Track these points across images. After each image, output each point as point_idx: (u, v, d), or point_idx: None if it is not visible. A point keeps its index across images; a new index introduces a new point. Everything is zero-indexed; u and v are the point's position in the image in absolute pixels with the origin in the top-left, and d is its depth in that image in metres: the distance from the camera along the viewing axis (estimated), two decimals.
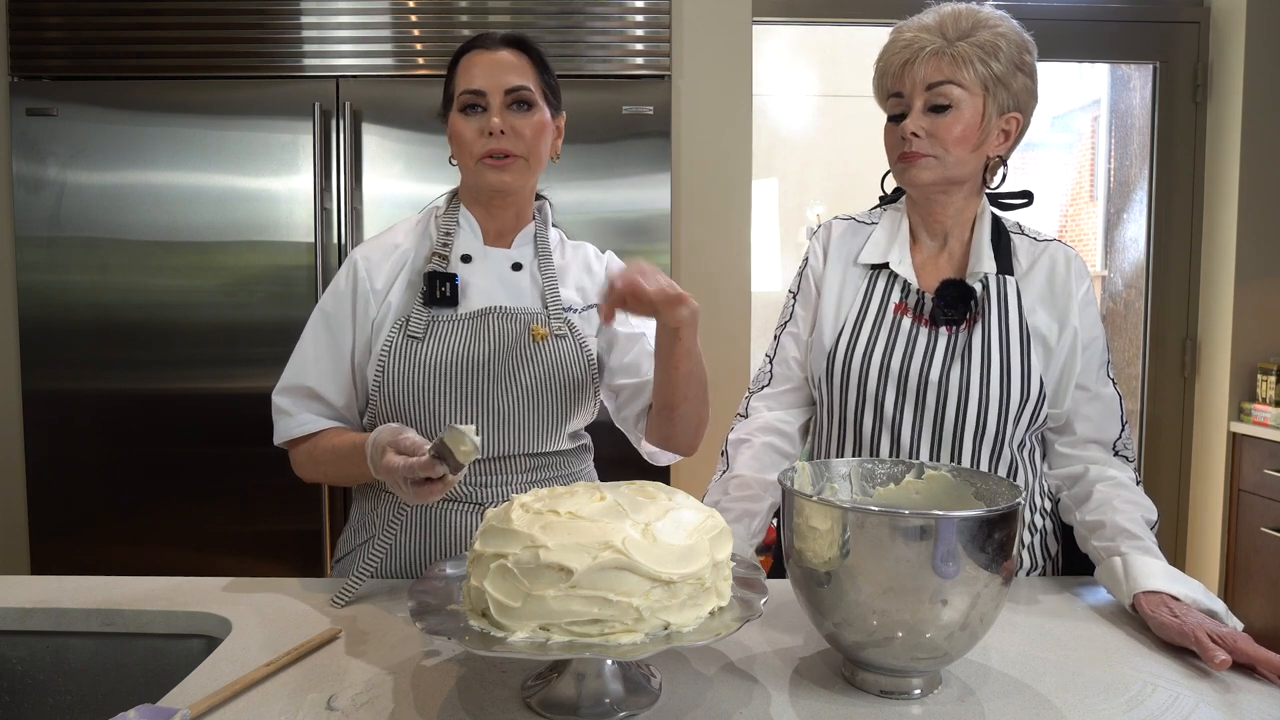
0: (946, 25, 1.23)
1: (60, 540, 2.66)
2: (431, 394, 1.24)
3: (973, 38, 1.21)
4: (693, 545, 0.83)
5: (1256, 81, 2.82)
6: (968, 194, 1.30)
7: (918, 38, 1.23)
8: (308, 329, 1.31)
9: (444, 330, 1.26)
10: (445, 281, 1.27)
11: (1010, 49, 1.22)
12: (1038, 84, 1.28)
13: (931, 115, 1.23)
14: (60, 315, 2.62)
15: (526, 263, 1.34)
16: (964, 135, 1.23)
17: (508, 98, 1.25)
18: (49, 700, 1.12)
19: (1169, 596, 1.05)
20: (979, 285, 1.27)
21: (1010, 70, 1.22)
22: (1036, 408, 1.25)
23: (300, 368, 1.29)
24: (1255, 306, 2.87)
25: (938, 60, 1.22)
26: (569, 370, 1.29)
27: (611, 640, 0.79)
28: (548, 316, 1.30)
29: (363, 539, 1.32)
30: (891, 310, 1.30)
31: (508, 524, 0.84)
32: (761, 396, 1.41)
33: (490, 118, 1.24)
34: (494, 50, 1.27)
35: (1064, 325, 1.26)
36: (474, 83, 1.25)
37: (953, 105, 1.22)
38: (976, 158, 1.26)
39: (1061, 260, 1.29)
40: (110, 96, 2.59)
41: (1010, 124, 1.26)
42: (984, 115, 1.23)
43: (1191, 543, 3.05)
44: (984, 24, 1.23)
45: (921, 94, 1.23)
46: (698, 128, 2.76)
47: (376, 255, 1.31)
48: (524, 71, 1.28)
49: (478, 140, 1.25)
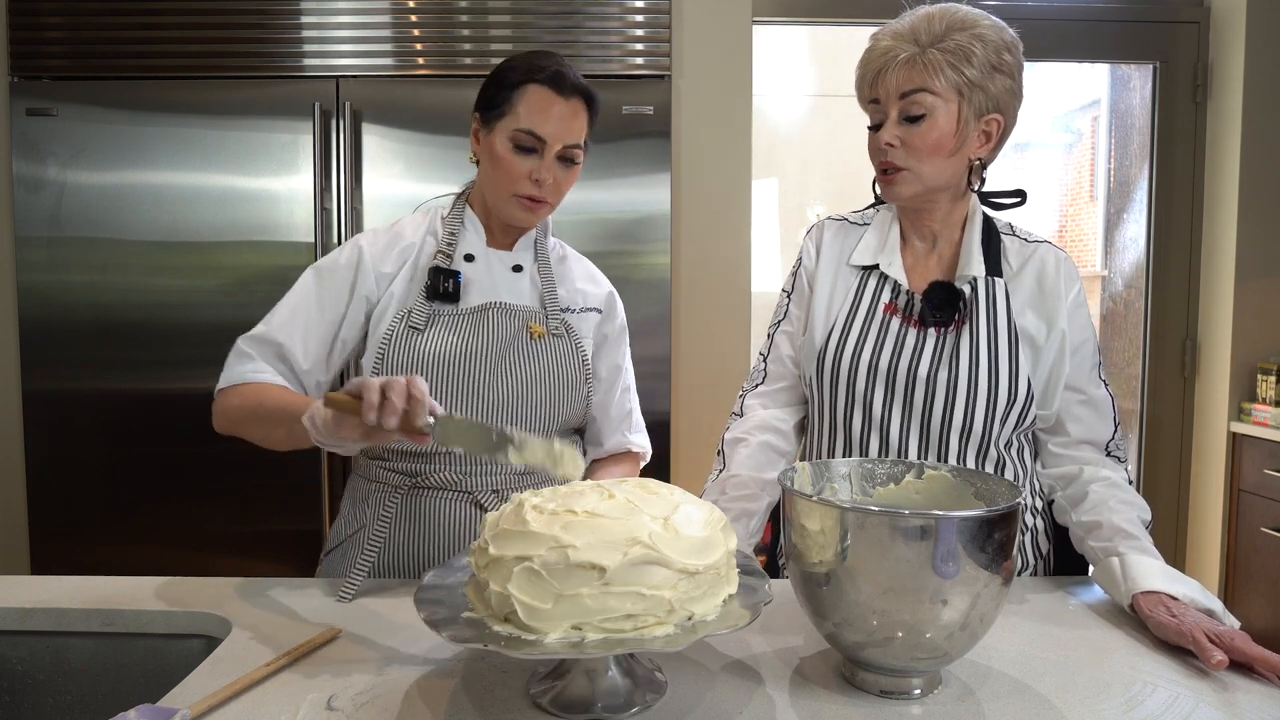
0: (919, 30, 1.21)
1: (60, 540, 2.66)
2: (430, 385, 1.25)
3: (945, 43, 1.19)
4: (708, 537, 0.85)
5: (1256, 81, 2.82)
6: (953, 198, 1.29)
7: (891, 46, 1.22)
8: (293, 292, 1.30)
9: (444, 323, 1.29)
10: (449, 278, 1.29)
11: (986, 50, 1.20)
12: (1022, 81, 1.26)
13: (906, 125, 1.22)
14: (60, 315, 2.62)
15: (527, 265, 1.37)
16: (939, 143, 1.21)
17: (563, 150, 1.28)
18: (49, 700, 1.12)
19: (1167, 596, 1.06)
20: (968, 287, 1.27)
21: (986, 72, 1.20)
22: (1024, 408, 1.25)
23: (274, 324, 1.27)
24: (1255, 306, 2.87)
25: (909, 69, 1.20)
26: (564, 368, 1.32)
27: (646, 634, 0.80)
28: (545, 316, 1.34)
29: (353, 530, 1.33)
30: (881, 310, 1.30)
31: (524, 526, 0.83)
32: (756, 395, 1.42)
33: (542, 167, 1.27)
34: (569, 98, 1.28)
35: (1052, 327, 1.26)
36: (541, 128, 1.26)
37: (927, 114, 1.20)
38: (955, 163, 1.24)
39: (1051, 262, 1.29)
40: (110, 96, 2.59)
41: (991, 125, 1.24)
42: (960, 120, 1.21)
43: (1191, 543, 3.05)
44: (959, 26, 1.20)
45: (896, 103, 1.22)
46: (698, 128, 2.76)
47: (383, 242, 1.34)
48: (583, 126, 1.30)
49: (523, 181, 1.27)
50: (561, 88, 1.27)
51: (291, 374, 1.27)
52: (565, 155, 1.29)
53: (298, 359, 1.27)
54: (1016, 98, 1.25)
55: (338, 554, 1.35)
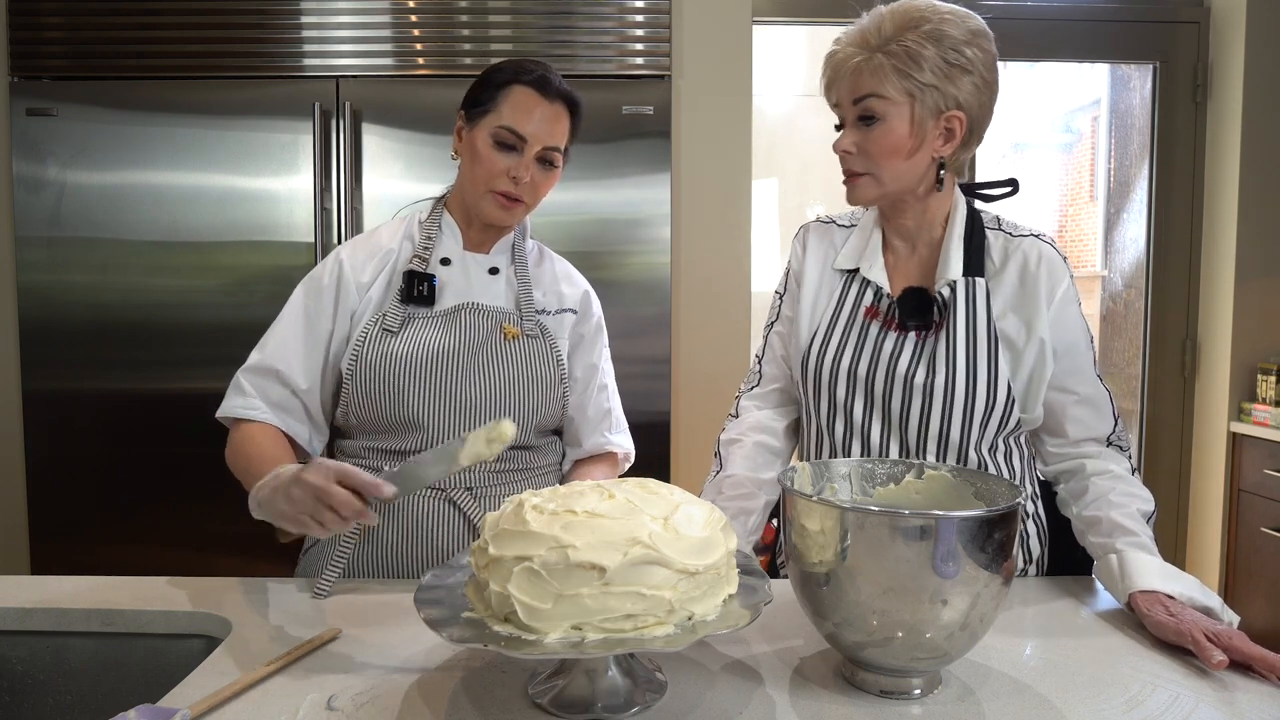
0: (869, 34, 1.18)
1: (60, 540, 2.66)
2: (402, 385, 1.28)
3: (890, 46, 1.16)
4: (708, 537, 0.85)
5: (1256, 81, 2.82)
6: (923, 197, 1.26)
7: (843, 50, 1.20)
8: (285, 313, 1.33)
9: (418, 325, 1.30)
10: (423, 281, 1.31)
11: (941, 49, 1.15)
12: (994, 73, 1.21)
13: (862, 129, 1.20)
14: (60, 315, 2.62)
15: (503, 268, 1.38)
16: (895, 146, 1.19)
17: (542, 151, 1.30)
18: (49, 700, 1.12)
19: (1164, 595, 1.05)
20: (947, 289, 1.24)
21: (940, 72, 1.16)
22: (1005, 413, 1.23)
23: (269, 350, 1.31)
24: (1255, 306, 2.87)
25: (856, 75, 1.18)
26: (538, 369, 1.33)
27: (646, 634, 0.80)
28: (520, 317, 1.34)
29: None
30: (862, 315, 1.29)
31: (524, 526, 0.83)
32: (751, 396, 1.42)
33: (521, 165, 1.28)
34: (553, 101, 1.30)
35: (1032, 327, 1.23)
36: (523, 127, 1.28)
37: (879, 118, 1.18)
38: (916, 165, 1.21)
39: (1034, 257, 1.24)
40: (110, 96, 2.59)
41: (952, 123, 1.19)
42: (914, 122, 1.18)
43: (1191, 543, 3.05)
44: (909, 25, 1.15)
45: (849, 108, 1.21)
46: (698, 128, 2.76)
47: (363, 253, 1.35)
48: (564, 130, 1.33)
49: (501, 177, 1.29)
50: (546, 90, 1.30)
51: (292, 396, 1.31)
52: (544, 157, 1.30)
53: (296, 381, 1.30)
54: (984, 91, 1.20)
55: (315, 551, 1.36)
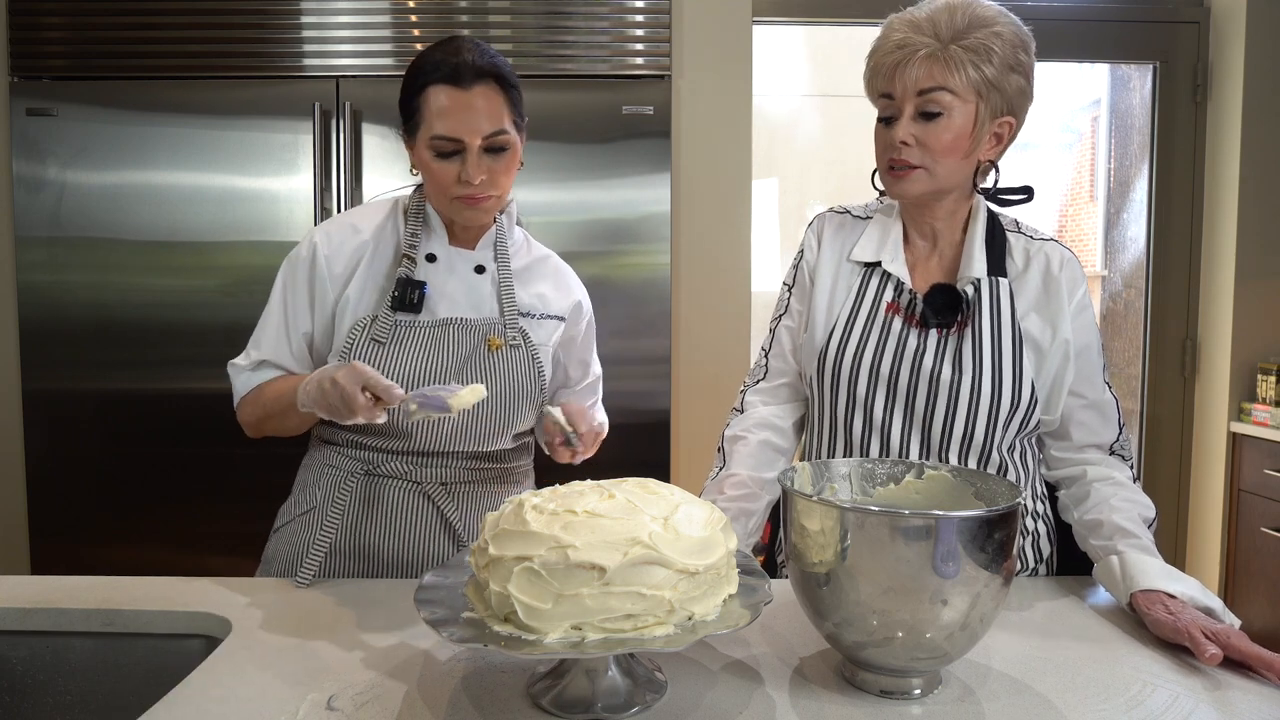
0: (940, 24, 1.17)
1: (60, 540, 2.66)
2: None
3: (967, 39, 1.16)
4: (708, 537, 0.85)
5: (1256, 81, 2.82)
6: (957, 198, 1.27)
7: (910, 39, 1.17)
8: (271, 300, 1.35)
9: (406, 336, 1.30)
10: (415, 289, 1.29)
11: (1005, 49, 1.17)
12: (1033, 83, 1.23)
13: (922, 122, 1.18)
14: (60, 315, 2.62)
15: (489, 265, 1.36)
16: (955, 143, 1.18)
17: (485, 142, 1.22)
18: (49, 700, 1.12)
19: (1165, 594, 1.05)
20: (970, 288, 1.24)
21: (1004, 72, 1.17)
22: (1028, 413, 1.23)
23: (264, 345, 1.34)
24: (1255, 306, 2.87)
25: (929, 64, 1.16)
26: (518, 379, 1.34)
27: (646, 634, 0.80)
28: (504, 326, 1.33)
29: (302, 510, 1.36)
30: (883, 310, 1.28)
31: (524, 526, 0.83)
32: (756, 391, 1.40)
33: (468, 167, 1.21)
34: (467, 89, 1.20)
35: (1056, 329, 1.24)
36: (454, 130, 1.20)
37: (944, 112, 1.17)
38: (967, 165, 1.22)
39: (1056, 261, 1.26)
40: (110, 96, 2.59)
41: (1003, 128, 1.21)
42: (976, 121, 1.18)
43: (1191, 543, 3.05)
44: (980, 23, 1.17)
45: (912, 99, 1.18)
46: (698, 128, 2.76)
47: (336, 237, 1.33)
48: (499, 110, 1.23)
49: (454, 185, 1.24)
50: (460, 80, 1.20)
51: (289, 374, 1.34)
52: (490, 145, 1.22)
53: (290, 366, 1.34)
54: (1028, 99, 1.22)
55: (285, 532, 1.38)
